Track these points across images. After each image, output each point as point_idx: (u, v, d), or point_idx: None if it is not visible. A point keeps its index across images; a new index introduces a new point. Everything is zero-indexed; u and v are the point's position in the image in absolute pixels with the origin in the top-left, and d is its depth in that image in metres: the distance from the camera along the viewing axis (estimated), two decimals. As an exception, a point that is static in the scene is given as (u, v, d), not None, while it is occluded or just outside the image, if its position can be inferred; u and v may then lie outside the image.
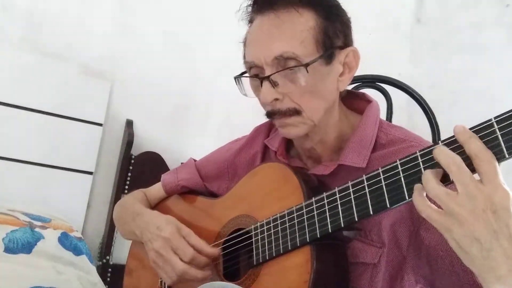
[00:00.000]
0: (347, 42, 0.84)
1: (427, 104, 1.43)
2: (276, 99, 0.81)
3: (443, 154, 0.57)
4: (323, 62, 0.80)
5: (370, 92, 1.02)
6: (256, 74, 0.84)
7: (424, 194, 0.59)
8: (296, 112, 0.82)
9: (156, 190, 1.16)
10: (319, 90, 0.82)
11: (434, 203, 0.58)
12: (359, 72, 0.94)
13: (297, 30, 0.79)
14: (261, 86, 0.81)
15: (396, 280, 0.79)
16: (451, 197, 0.55)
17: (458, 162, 0.55)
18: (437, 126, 1.42)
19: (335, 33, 0.82)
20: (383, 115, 1.14)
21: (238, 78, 0.88)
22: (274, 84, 0.80)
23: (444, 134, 1.38)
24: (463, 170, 0.55)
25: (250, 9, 0.87)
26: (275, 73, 0.80)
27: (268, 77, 0.80)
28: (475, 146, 0.55)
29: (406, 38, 2.52)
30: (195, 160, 1.16)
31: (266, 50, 0.80)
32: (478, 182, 0.54)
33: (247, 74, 0.87)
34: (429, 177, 0.57)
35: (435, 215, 0.56)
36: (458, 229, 0.54)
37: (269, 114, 0.85)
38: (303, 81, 0.79)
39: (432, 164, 0.61)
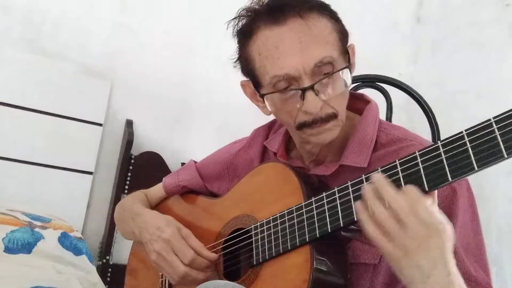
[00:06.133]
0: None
1: (427, 104, 1.43)
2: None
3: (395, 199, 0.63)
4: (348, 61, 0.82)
5: (370, 92, 1.03)
6: (286, 86, 0.79)
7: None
8: (334, 116, 0.80)
9: (156, 190, 1.16)
10: (347, 90, 0.82)
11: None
12: (359, 72, 0.94)
13: (325, 33, 0.79)
14: (302, 97, 0.77)
15: (397, 281, 0.79)
16: (405, 233, 0.61)
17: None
18: (437, 126, 1.43)
19: (345, 32, 0.83)
20: (383, 115, 1.14)
21: (265, 95, 0.82)
22: (317, 93, 0.78)
23: (444, 134, 1.39)
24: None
25: (243, 22, 0.84)
26: (318, 81, 0.77)
27: (312, 87, 0.77)
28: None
29: (406, 38, 2.52)
30: (195, 162, 1.16)
31: (306, 58, 0.77)
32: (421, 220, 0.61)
33: (272, 90, 0.81)
34: (383, 213, 0.63)
35: (389, 248, 0.62)
36: (404, 260, 0.62)
37: (309, 124, 0.80)
38: (342, 84, 0.79)
39: (431, 163, 0.62)
